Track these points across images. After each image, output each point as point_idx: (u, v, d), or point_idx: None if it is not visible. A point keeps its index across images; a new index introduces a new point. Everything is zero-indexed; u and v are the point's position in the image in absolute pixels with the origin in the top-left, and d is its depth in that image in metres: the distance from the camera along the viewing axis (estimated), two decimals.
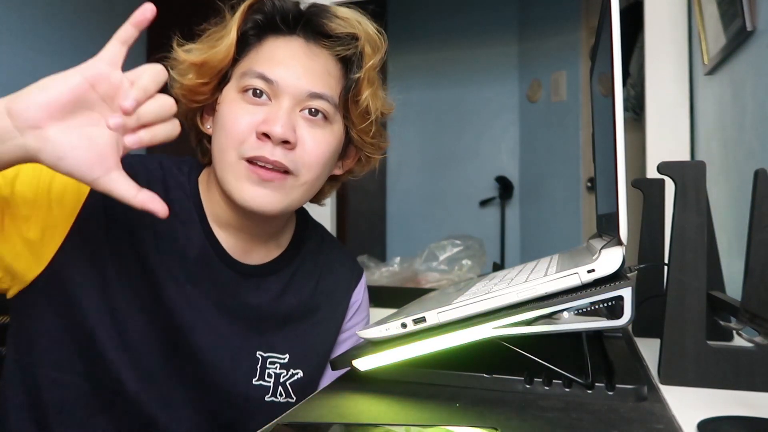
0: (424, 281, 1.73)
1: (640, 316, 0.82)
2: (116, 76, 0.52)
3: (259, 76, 0.69)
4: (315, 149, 0.71)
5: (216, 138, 0.71)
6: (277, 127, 0.66)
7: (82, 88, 0.50)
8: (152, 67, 0.53)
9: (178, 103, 0.73)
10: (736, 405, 0.53)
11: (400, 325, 0.56)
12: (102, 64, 0.51)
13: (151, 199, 0.55)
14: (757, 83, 0.89)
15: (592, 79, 0.82)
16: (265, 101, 0.69)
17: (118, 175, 0.53)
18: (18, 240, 0.64)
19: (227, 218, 0.74)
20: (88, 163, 0.51)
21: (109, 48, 0.52)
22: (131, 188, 0.54)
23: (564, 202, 2.98)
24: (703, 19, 1.13)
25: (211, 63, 0.71)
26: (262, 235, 0.77)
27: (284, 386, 0.78)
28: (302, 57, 0.71)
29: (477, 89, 3.34)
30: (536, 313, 0.51)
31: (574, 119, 2.94)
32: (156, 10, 0.53)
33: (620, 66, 0.50)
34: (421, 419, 0.49)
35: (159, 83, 0.53)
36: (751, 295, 0.57)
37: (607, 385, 0.53)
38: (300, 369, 0.79)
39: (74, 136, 0.51)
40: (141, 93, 0.51)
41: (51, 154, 0.50)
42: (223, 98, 0.72)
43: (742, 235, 0.63)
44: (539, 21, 3.16)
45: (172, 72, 0.73)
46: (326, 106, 0.71)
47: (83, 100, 0.51)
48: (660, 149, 1.27)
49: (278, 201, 0.70)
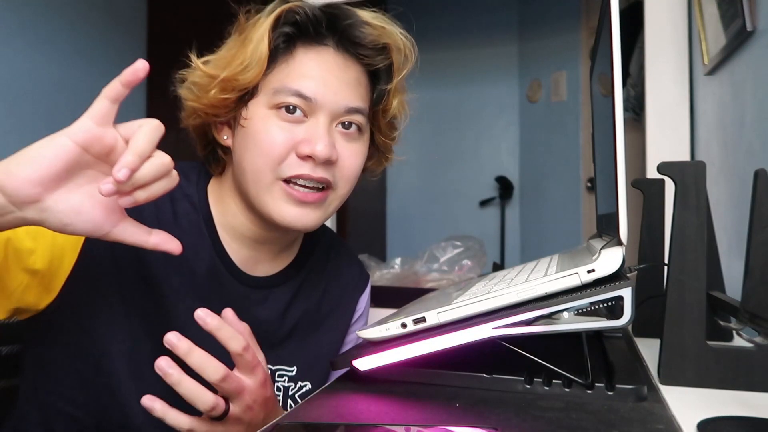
0: (424, 281, 1.73)
1: (640, 316, 0.81)
2: (109, 136, 0.49)
3: (295, 93, 0.67)
4: (353, 163, 0.70)
5: (247, 155, 0.68)
6: (320, 147, 0.65)
7: (74, 153, 0.48)
8: (148, 124, 0.49)
9: (189, 114, 0.71)
10: (736, 405, 0.53)
11: (400, 325, 0.56)
12: (91, 125, 0.48)
13: (164, 241, 0.55)
14: (757, 83, 0.89)
15: (592, 79, 0.82)
16: (301, 118, 0.67)
17: (126, 224, 0.53)
18: (24, 275, 0.61)
19: (244, 230, 0.72)
20: (94, 222, 0.51)
21: (97, 106, 0.48)
22: (142, 234, 0.54)
23: (564, 202, 2.98)
24: (703, 19, 1.13)
25: (240, 80, 0.67)
26: (278, 246, 0.76)
27: (293, 399, 0.76)
28: (336, 70, 0.69)
29: (477, 89, 3.34)
30: (536, 313, 0.51)
31: (574, 119, 2.94)
32: (149, 67, 0.49)
33: (620, 66, 0.50)
34: (421, 419, 0.49)
35: (155, 142, 0.49)
36: (751, 296, 0.57)
37: (607, 385, 0.53)
38: (308, 381, 0.78)
39: (75, 200, 0.49)
40: (136, 160, 0.47)
41: (55, 222, 0.49)
42: (253, 114, 0.68)
43: (742, 235, 0.62)
44: (539, 21, 3.16)
45: (190, 86, 0.70)
46: (361, 119, 0.71)
47: (77, 164, 0.48)
48: (660, 149, 1.27)
49: (319, 217, 0.69)
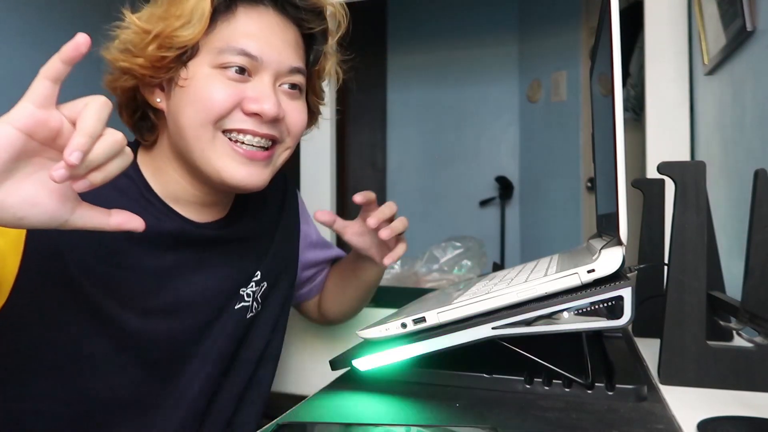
0: (424, 281, 1.73)
1: (640, 316, 0.81)
2: (54, 118, 0.45)
3: (241, 53, 0.67)
4: (298, 120, 0.73)
5: (186, 113, 0.67)
6: (267, 105, 0.67)
7: (19, 141, 0.44)
8: (95, 101, 0.46)
9: (116, 77, 0.69)
10: (736, 405, 0.53)
11: (400, 325, 0.56)
12: (33, 109, 0.44)
13: (126, 220, 0.52)
14: (757, 83, 0.89)
15: (592, 79, 0.82)
16: (245, 77, 0.68)
17: (83, 209, 0.50)
18: None
19: (188, 197, 0.72)
20: (49, 212, 0.47)
21: (37, 88, 0.45)
22: (102, 216, 0.51)
23: (564, 202, 2.98)
24: (703, 19, 1.13)
25: (179, 37, 0.65)
26: (222, 203, 0.77)
27: (255, 299, 0.81)
28: (278, 30, 0.71)
29: (477, 89, 3.34)
30: (536, 313, 0.51)
31: (574, 119, 2.94)
32: (90, 41, 0.45)
33: (620, 66, 0.50)
34: (421, 419, 0.49)
35: (105, 120, 0.46)
36: (751, 295, 0.57)
37: (607, 385, 0.53)
38: (265, 281, 0.83)
39: (27, 190, 0.46)
40: (87, 141, 0.44)
41: (9, 218, 0.46)
42: (194, 74, 0.67)
43: (742, 235, 0.62)
44: (539, 21, 3.16)
45: (123, 44, 0.67)
46: (301, 79, 0.73)
47: (23, 152, 0.45)
48: (660, 149, 1.26)
49: (267, 176, 0.71)
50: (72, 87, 0.53)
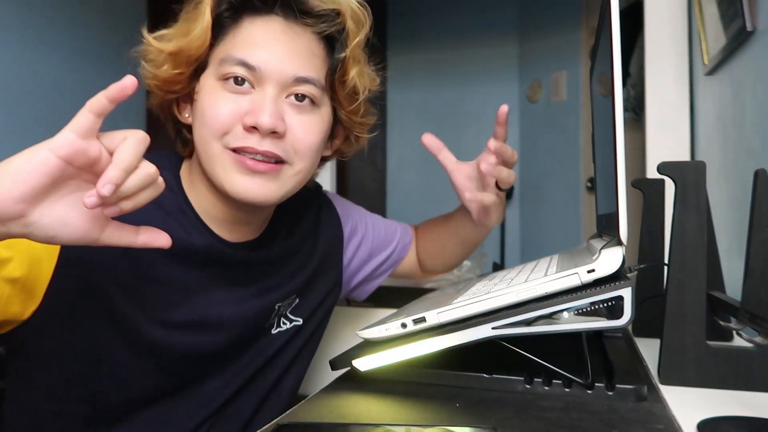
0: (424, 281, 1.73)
1: (640, 316, 0.81)
2: (93, 149, 0.47)
3: (240, 63, 0.65)
4: (306, 137, 0.68)
5: (197, 129, 0.68)
6: (264, 118, 0.63)
7: (57, 168, 0.46)
8: (133, 136, 0.48)
9: (153, 95, 0.71)
10: (736, 405, 0.53)
11: (400, 325, 0.56)
12: (74, 138, 0.46)
13: (153, 238, 0.53)
14: (757, 83, 0.89)
15: (592, 79, 0.82)
16: (248, 89, 0.66)
17: (112, 229, 0.51)
18: (5, 285, 0.59)
19: (216, 212, 0.72)
20: (80, 231, 0.49)
21: (81, 119, 0.46)
22: (130, 235, 0.52)
23: (564, 202, 2.98)
24: (703, 19, 1.13)
25: (186, 51, 0.66)
26: (255, 224, 0.76)
27: (286, 318, 0.80)
28: (283, 38, 0.67)
29: (477, 89, 3.34)
30: (536, 314, 0.51)
31: (574, 119, 2.94)
32: (137, 84, 0.47)
33: (620, 66, 0.50)
34: (421, 419, 0.49)
35: (140, 155, 0.48)
36: (751, 295, 0.57)
37: (607, 385, 0.53)
38: (298, 300, 0.82)
39: (60, 211, 0.48)
40: (121, 175, 0.46)
41: (41, 236, 0.48)
42: (202, 86, 0.68)
43: (742, 235, 0.63)
44: (539, 21, 3.16)
45: (145, 63, 0.69)
46: (313, 90, 0.68)
47: (60, 177, 0.47)
48: (660, 149, 1.26)
49: (274, 191, 0.67)
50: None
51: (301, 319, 0.82)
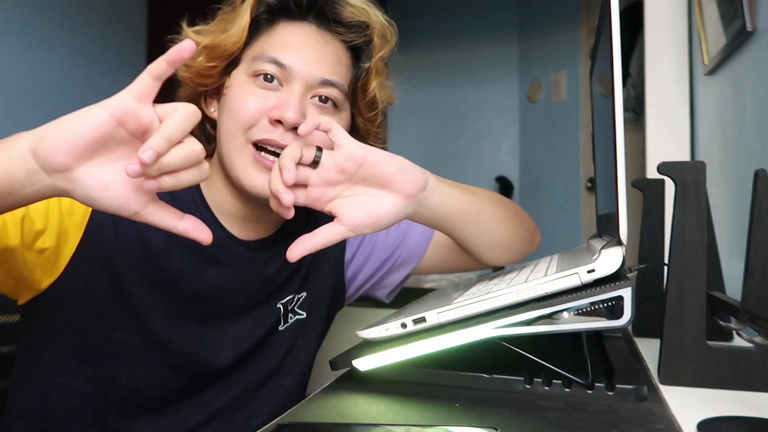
0: (424, 281, 1.73)
1: (640, 316, 0.81)
2: (147, 113, 0.47)
3: (272, 61, 0.69)
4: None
5: (223, 122, 0.71)
6: (289, 113, 0.66)
7: (110, 126, 0.46)
8: (183, 108, 0.48)
9: (183, 87, 0.74)
10: (736, 405, 0.53)
11: (400, 325, 0.56)
12: (131, 99, 0.47)
13: (194, 228, 0.53)
14: (757, 83, 0.89)
15: (592, 79, 0.82)
16: (276, 86, 0.69)
17: (155, 207, 0.51)
18: (32, 255, 0.63)
19: (229, 208, 0.74)
20: (121, 200, 0.49)
21: (139, 82, 0.47)
22: (173, 218, 0.52)
23: (564, 202, 2.98)
24: (703, 19, 1.13)
25: (222, 46, 0.70)
26: (268, 222, 0.77)
27: (292, 317, 0.82)
28: (314, 43, 0.71)
29: (477, 89, 3.34)
30: (536, 313, 0.51)
31: (574, 119, 2.94)
32: (194, 48, 0.48)
33: (620, 66, 0.50)
34: (421, 419, 0.49)
35: (187, 129, 0.48)
36: (751, 295, 0.57)
37: (607, 385, 0.53)
38: (305, 300, 0.83)
39: (105, 174, 0.48)
40: (163, 143, 0.46)
41: (83, 195, 0.48)
42: (232, 82, 0.71)
43: (742, 235, 0.63)
44: (539, 21, 3.17)
45: None
46: (337, 94, 0.71)
47: (111, 138, 0.47)
48: (660, 149, 1.27)
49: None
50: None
51: (305, 313, 0.83)
